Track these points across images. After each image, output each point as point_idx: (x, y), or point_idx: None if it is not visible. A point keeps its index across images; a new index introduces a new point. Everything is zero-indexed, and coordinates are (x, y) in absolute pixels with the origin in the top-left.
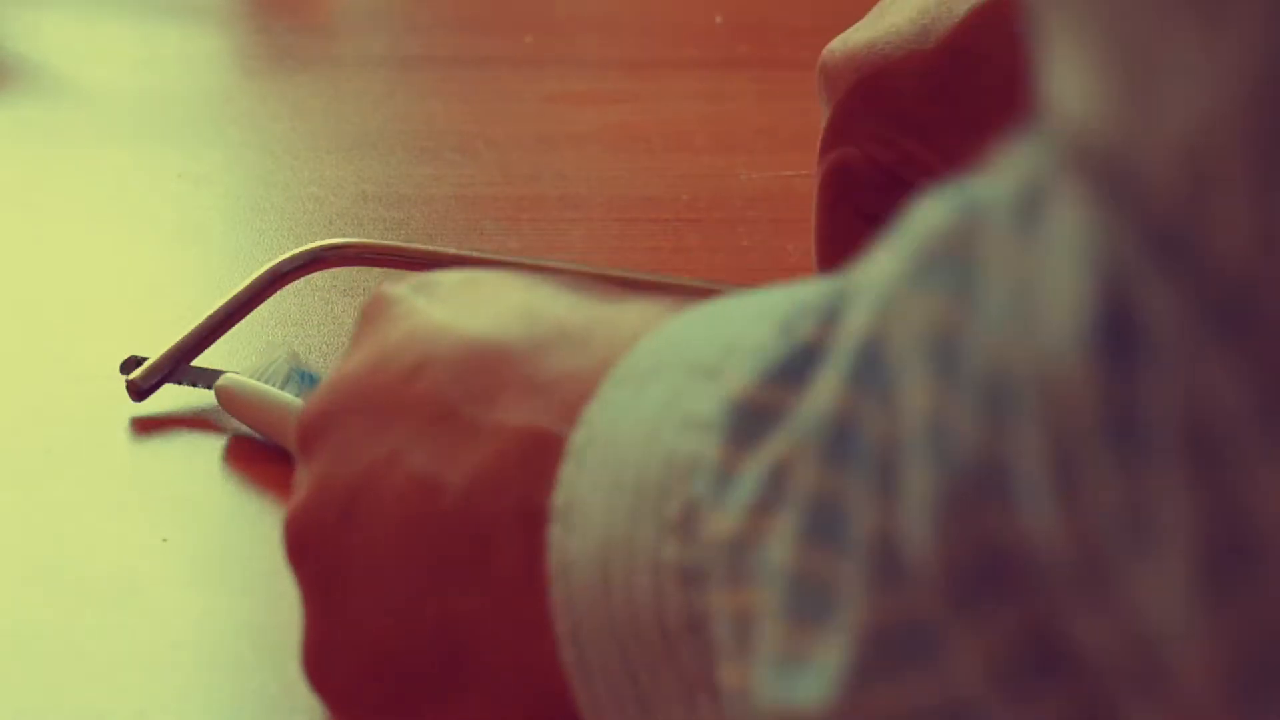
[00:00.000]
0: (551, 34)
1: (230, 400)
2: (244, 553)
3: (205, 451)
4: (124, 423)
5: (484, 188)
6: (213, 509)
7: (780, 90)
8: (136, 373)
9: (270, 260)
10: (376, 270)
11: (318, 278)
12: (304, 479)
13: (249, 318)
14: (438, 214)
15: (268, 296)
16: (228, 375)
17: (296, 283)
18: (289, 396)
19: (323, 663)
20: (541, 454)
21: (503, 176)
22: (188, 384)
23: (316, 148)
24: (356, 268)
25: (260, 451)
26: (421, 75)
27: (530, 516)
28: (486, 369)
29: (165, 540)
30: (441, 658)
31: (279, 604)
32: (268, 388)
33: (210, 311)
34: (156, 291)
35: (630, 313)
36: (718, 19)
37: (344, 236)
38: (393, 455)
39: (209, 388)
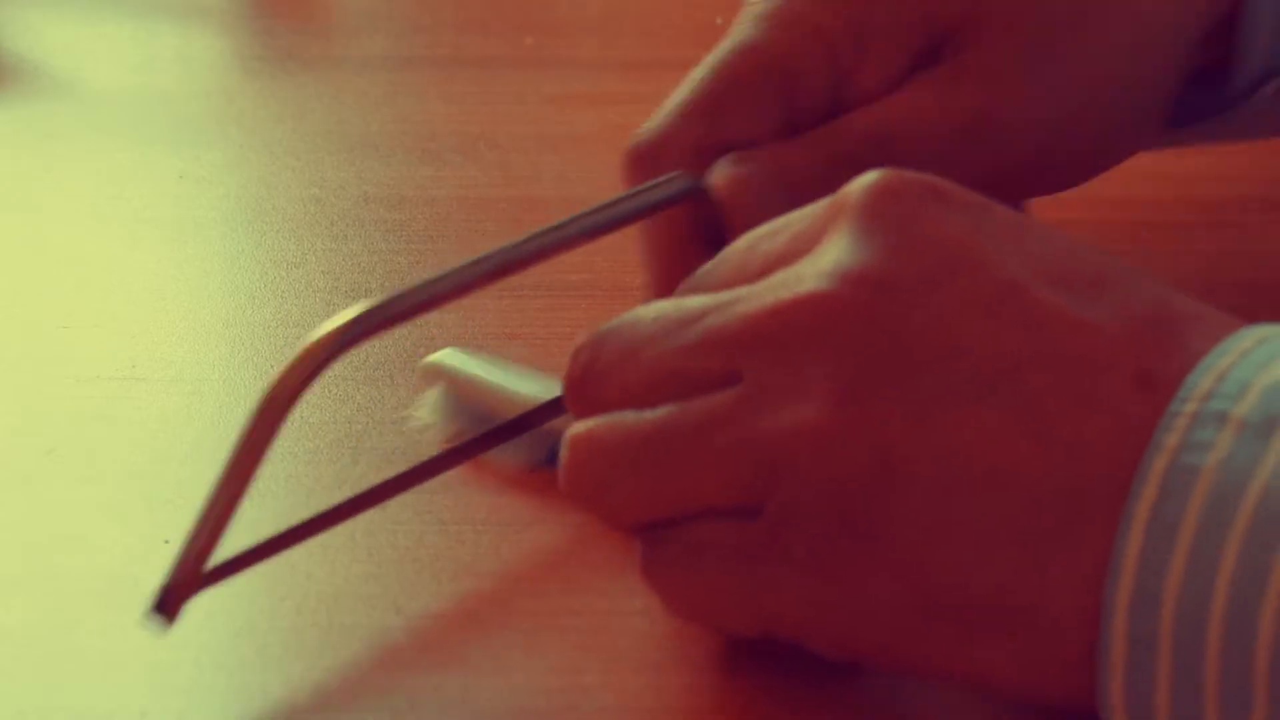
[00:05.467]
0: (552, 35)
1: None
2: None
3: (206, 452)
4: (124, 423)
5: (485, 189)
6: None
7: None
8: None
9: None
10: (383, 274)
11: (317, 278)
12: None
13: (243, 318)
14: (439, 215)
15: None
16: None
17: (296, 282)
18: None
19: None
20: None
21: (504, 177)
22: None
23: (317, 149)
24: (375, 267)
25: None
26: (422, 76)
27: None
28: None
29: (166, 541)
30: (996, 594)
31: (280, 604)
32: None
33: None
34: (156, 292)
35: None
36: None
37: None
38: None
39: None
